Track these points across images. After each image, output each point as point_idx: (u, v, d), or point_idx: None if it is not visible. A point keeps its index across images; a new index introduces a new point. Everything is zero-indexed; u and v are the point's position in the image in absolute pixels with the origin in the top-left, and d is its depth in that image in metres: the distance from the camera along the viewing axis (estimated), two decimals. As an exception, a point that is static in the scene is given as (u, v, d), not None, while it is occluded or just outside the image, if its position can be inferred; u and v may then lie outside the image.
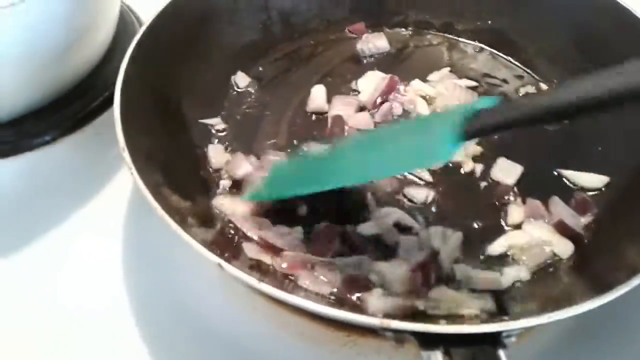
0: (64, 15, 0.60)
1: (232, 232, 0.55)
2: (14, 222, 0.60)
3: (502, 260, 0.55)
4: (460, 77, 0.73)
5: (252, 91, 0.71)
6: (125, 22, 0.79)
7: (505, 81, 0.74)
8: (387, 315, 0.44)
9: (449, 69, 0.75)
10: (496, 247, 0.55)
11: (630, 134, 0.62)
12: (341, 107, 0.68)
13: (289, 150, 0.64)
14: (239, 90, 0.71)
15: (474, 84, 0.73)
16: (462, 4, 0.78)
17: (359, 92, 0.71)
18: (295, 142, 0.66)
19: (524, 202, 0.59)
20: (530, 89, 0.72)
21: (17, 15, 0.53)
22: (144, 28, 0.62)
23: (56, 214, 0.61)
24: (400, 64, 0.76)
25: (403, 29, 0.81)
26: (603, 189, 0.61)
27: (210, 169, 0.62)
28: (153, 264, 0.56)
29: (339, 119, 0.66)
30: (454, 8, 0.79)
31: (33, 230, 0.59)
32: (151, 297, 0.54)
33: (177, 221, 0.44)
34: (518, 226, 0.57)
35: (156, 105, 0.59)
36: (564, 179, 0.62)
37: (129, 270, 0.56)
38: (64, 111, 0.67)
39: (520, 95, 0.72)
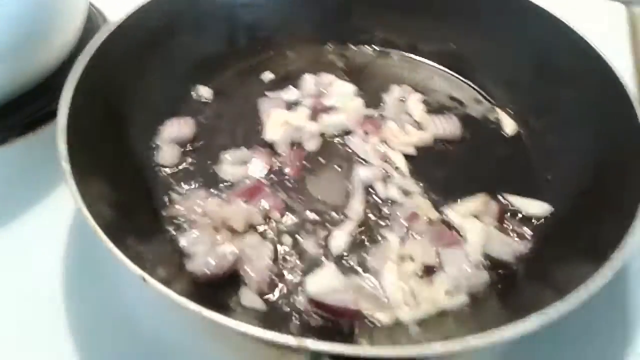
0: (22, 14, 0.59)
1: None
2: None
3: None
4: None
5: (210, 102, 0.72)
6: (93, 25, 0.80)
7: (461, 103, 0.75)
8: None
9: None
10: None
11: (580, 167, 0.62)
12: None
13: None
14: (196, 102, 0.72)
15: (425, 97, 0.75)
16: (429, 27, 0.79)
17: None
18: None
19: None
20: (486, 114, 0.74)
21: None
22: (107, 30, 0.61)
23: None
24: (363, 81, 0.77)
25: (368, 46, 0.82)
26: (546, 218, 0.61)
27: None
28: (93, 275, 0.57)
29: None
30: (420, 30, 0.79)
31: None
32: (89, 307, 0.55)
33: (109, 233, 0.44)
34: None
35: (106, 116, 0.59)
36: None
37: (68, 279, 0.56)
38: (21, 112, 0.68)
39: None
